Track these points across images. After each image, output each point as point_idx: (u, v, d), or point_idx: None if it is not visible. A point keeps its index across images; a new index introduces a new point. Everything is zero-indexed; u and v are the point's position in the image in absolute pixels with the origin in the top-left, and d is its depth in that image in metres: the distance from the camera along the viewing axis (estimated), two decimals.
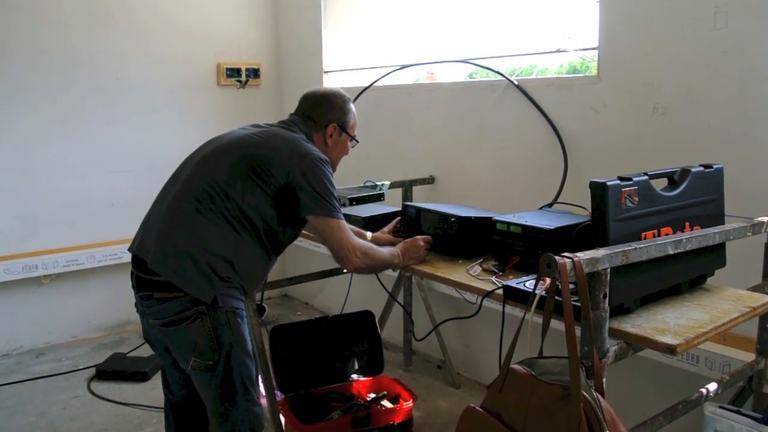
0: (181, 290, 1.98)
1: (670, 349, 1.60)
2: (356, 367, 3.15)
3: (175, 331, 2.02)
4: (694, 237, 1.79)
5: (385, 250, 2.29)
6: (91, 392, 3.54)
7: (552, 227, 2.14)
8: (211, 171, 2.09)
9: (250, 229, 2.07)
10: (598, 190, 1.71)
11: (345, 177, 3.20)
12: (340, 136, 2.35)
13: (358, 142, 2.45)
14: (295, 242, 2.41)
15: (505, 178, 3.29)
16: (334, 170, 2.33)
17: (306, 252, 4.66)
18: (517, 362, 1.57)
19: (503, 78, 3.21)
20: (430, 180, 3.66)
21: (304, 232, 2.42)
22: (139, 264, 2.07)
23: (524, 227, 2.20)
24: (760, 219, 2.05)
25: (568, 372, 1.45)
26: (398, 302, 3.57)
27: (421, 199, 3.62)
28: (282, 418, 2.80)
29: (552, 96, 3.02)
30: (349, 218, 2.79)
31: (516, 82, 3.14)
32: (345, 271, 2.30)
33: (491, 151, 3.34)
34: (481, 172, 3.41)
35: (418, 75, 4.07)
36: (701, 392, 2.04)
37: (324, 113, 2.32)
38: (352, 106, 2.40)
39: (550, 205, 2.69)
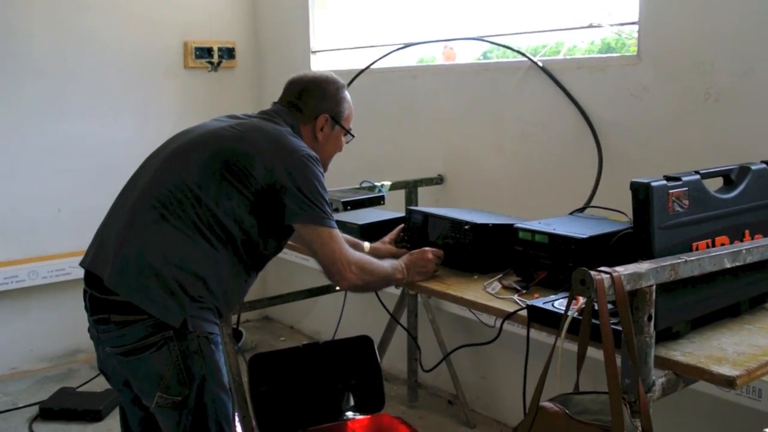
0: (144, 312, 1.98)
1: (728, 382, 1.59)
2: (352, 403, 3.14)
3: (136, 361, 2.01)
4: (755, 247, 1.80)
5: (386, 264, 2.29)
6: None
7: (585, 236, 2.15)
8: (179, 171, 2.09)
9: (225, 239, 2.07)
10: (641, 192, 1.71)
11: (338, 177, 3.19)
12: (333, 129, 2.35)
13: (353, 136, 2.45)
14: (279, 255, 2.41)
15: (528, 177, 3.29)
16: (325, 169, 2.32)
17: (291, 266, 4.66)
18: (547, 399, 1.57)
19: (525, 58, 3.22)
20: (439, 180, 3.67)
21: (289, 242, 2.41)
22: (93, 281, 2.06)
23: (552, 236, 2.20)
24: None
25: (609, 410, 1.44)
26: (401, 325, 3.57)
27: (429, 203, 3.62)
28: None
29: (583, 79, 3.03)
30: (343, 226, 2.78)
31: (540, 64, 3.15)
32: (338, 288, 2.29)
33: (511, 145, 3.35)
34: (499, 170, 3.41)
35: (423, 55, 4.09)
36: None
37: (313, 102, 2.32)
38: (346, 93, 2.40)
39: (582, 210, 2.70)
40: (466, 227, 2.43)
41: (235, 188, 2.07)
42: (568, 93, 3.06)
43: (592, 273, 1.50)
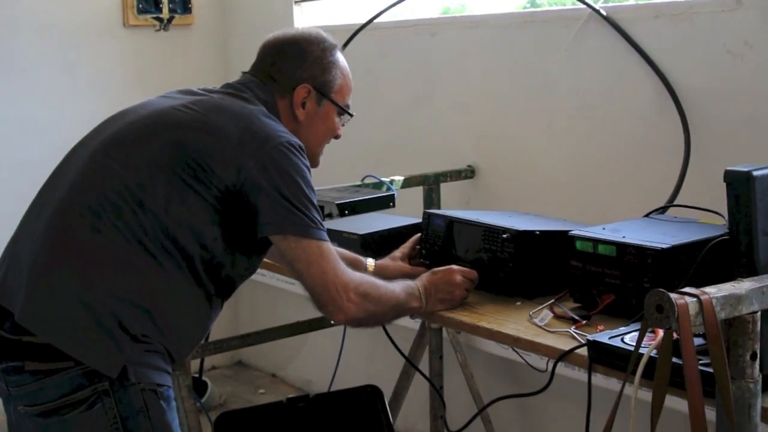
0: (69, 358, 1.98)
1: None
2: None
3: (60, 425, 2.01)
4: None
5: (398, 288, 2.29)
6: None
7: (667, 246, 2.14)
8: (114, 166, 2.10)
9: (179, 258, 2.08)
10: (739, 184, 1.71)
11: (332, 171, 3.19)
12: (320, 105, 2.36)
13: (351, 115, 2.45)
14: (254, 277, 2.42)
15: (588, 167, 3.29)
16: (313, 162, 2.33)
17: (271, 292, 4.67)
18: None
19: (582, 5, 3.22)
20: (469, 173, 3.67)
21: (266, 260, 2.43)
22: (1, 317, 2.08)
23: (621, 246, 2.20)
24: None
25: None
26: (420, 372, 3.57)
27: (456, 205, 3.63)
28: None
29: (663, 33, 3.02)
30: (339, 237, 2.79)
31: (604, 12, 3.15)
32: (333, 322, 2.30)
33: (566, 124, 3.35)
34: (549, 158, 3.41)
35: (446, 2, 4.10)
36: None
37: (292, 68, 2.33)
38: (339, 56, 2.41)
39: (663, 210, 2.69)
40: (505, 236, 2.42)
41: (191, 189, 2.08)
42: (642, 51, 3.05)
43: (673, 296, 1.50)
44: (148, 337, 2.04)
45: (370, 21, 3.91)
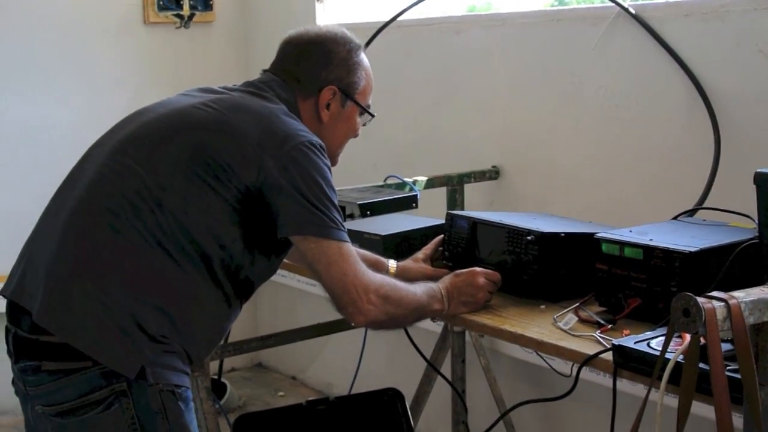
0: (87, 358, 1.99)
1: None
2: None
3: (78, 425, 2.03)
4: None
5: (419, 290, 2.29)
6: None
7: (695, 249, 2.13)
8: (134, 165, 2.11)
9: (198, 259, 2.08)
10: None
11: (353, 171, 3.21)
12: (343, 106, 2.36)
13: (373, 115, 2.45)
14: (274, 278, 2.43)
15: (616, 168, 3.28)
16: (333, 161, 2.34)
17: (291, 293, 4.68)
18: None
19: (611, 3, 3.21)
20: (493, 174, 3.67)
21: (286, 261, 2.43)
22: (18, 317, 2.09)
23: (648, 249, 2.19)
24: None
25: None
26: (442, 375, 3.57)
27: (479, 206, 3.63)
28: None
29: (693, 32, 3.02)
30: (360, 238, 2.80)
31: (633, 11, 3.15)
32: (353, 325, 2.30)
33: (593, 124, 3.34)
34: (576, 159, 3.41)
35: (471, 1, 4.10)
36: None
37: (316, 69, 2.33)
38: (363, 57, 2.41)
39: (692, 213, 2.68)
40: (530, 238, 2.42)
41: (210, 189, 2.09)
42: (672, 51, 3.04)
43: (700, 300, 1.50)
44: (166, 337, 2.05)
45: (394, 19, 3.91)
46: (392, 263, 2.61)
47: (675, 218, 2.58)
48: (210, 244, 2.09)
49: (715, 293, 1.53)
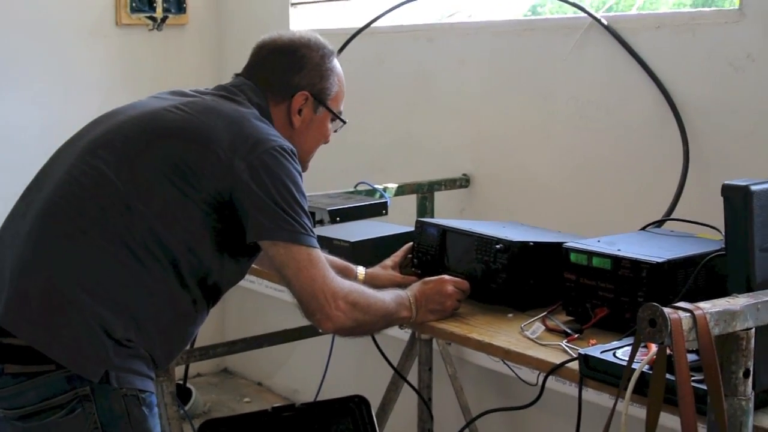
0: (50, 361, 1.99)
1: None
2: None
3: (40, 429, 2.02)
4: None
5: (388, 297, 2.30)
6: None
7: (662, 260, 2.15)
8: (103, 167, 2.11)
9: (166, 262, 2.08)
10: (737, 198, 1.72)
11: (325, 177, 3.20)
12: (315, 111, 2.37)
13: (344, 122, 2.47)
14: (242, 283, 2.42)
15: (586, 177, 3.30)
16: (304, 167, 2.35)
17: (259, 299, 4.66)
18: None
19: (584, 14, 3.23)
20: (464, 182, 3.68)
21: (255, 266, 2.43)
22: None
23: (616, 259, 2.20)
24: None
25: None
26: (409, 383, 3.58)
27: (450, 214, 3.63)
28: None
29: (664, 43, 3.04)
30: (330, 244, 2.80)
31: (605, 22, 3.17)
32: (321, 331, 2.30)
33: (564, 134, 3.36)
34: (547, 168, 3.42)
35: (444, 8, 4.10)
36: None
37: (289, 74, 2.34)
38: (335, 63, 2.42)
39: (660, 224, 2.69)
40: (498, 247, 2.43)
41: (180, 193, 2.09)
42: (643, 62, 3.06)
43: (666, 310, 1.50)
44: (132, 341, 2.05)
45: (367, 25, 3.91)
46: (361, 270, 2.61)
47: (643, 229, 2.59)
48: (178, 248, 2.09)
49: (681, 304, 1.54)
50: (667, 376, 1.56)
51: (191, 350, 3.48)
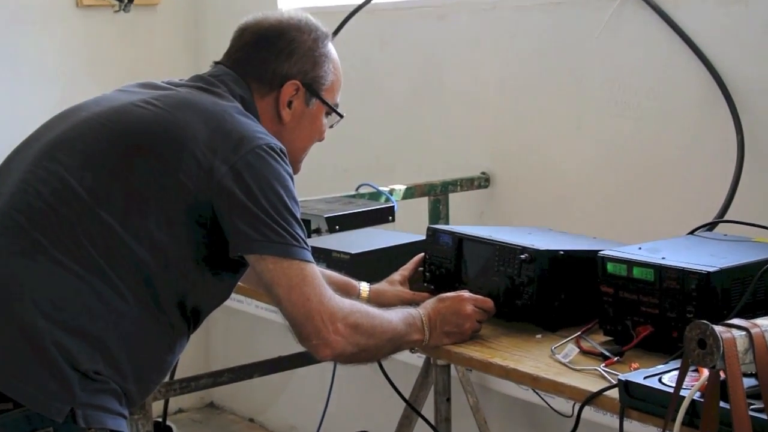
0: (8, 399, 1.98)
1: None
2: None
3: None
4: None
5: (396, 318, 2.30)
6: None
7: (714, 269, 2.13)
8: (63, 172, 2.11)
9: (137, 280, 2.08)
10: None
11: (322, 179, 3.21)
12: (308, 104, 2.37)
13: (342, 116, 2.46)
14: (227, 304, 2.42)
15: (624, 175, 3.30)
16: (296, 168, 2.34)
17: (249, 321, 4.67)
18: None
19: None
20: (483, 182, 3.67)
21: (241, 284, 2.43)
22: None
23: (661, 269, 2.19)
24: None
25: None
26: (423, 417, 3.56)
27: (467, 219, 3.64)
28: None
29: (712, 16, 3.04)
30: (327, 256, 2.80)
31: None
32: (318, 358, 2.30)
33: (597, 124, 3.35)
34: (577, 165, 3.42)
35: None
36: None
37: (277, 62, 2.34)
38: (330, 48, 2.42)
39: (711, 227, 2.69)
40: (524, 257, 2.42)
41: (152, 200, 2.09)
42: (688, 38, 3.06)
43: (718, 329, 1.50)
44: (100, 374, 2.04)
45: (367, 2, 3.91)
46: (364, 286, 2.61)
47: (692, 233, 2.59)
48: (152, 264, 2.09)
49: (735, 321, 1.54)
50: (722, 404, 1.56)
51: (171, 382, 3.48)
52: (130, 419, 2.15)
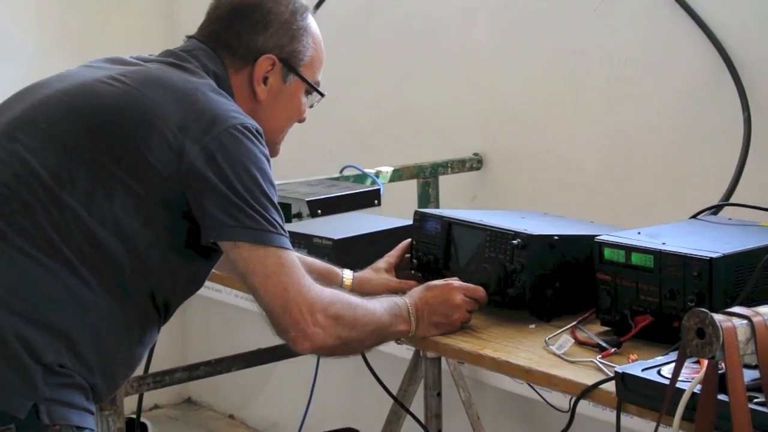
0: None
1: None
2: None
3: None
4: None
5: (380, 307, 2.29)
6: None
7: (718, 254, 2.13)
8: (24, 153, 2.10)
9: (103, 268, 2.08)
10: None
11: (304, 161, 3.21)
12: (285, 81, 2.36)
13: (323, 95, 2.45)
14: (202, 292, 2.42)
15: (622, 156, 3.30)
16: (273, 150, 2.34)
17: (227, 312, 4.67)
18: None
19: None
20: (475, 164, 3.67)
21: (216, 272, 2.42)
22: None
23: (661, 255, 2.20)
24: None
25: None
26: (411, 414, 3.57)
27: (458, 202, 3.64)
28: None
29: None
30: (309, 242, 2.80)
31: None
32: (298, 352, 2.29)
33: (596, 102, 3.35)
34: (574, 145, 3.42)
35: None
36: None
37: (252, 34, 2.33)
38: (311, 20, 2.41)
39: (715, 210, 2.69)
40: (516, 242, 2.42)
41: (119, 183, 2.08)
42: (692, 11, 3.06)
43: (717, 317, 1.50)
44: (65, 367, 2.03)
45: None
46: (347, 274, 2.61)
47: (694, 216, 2.59)
48: (119, 251, 2.08)
49: (736, 309, 1.54)
50: (721, 397, 1.56)
51: (144, 376, 3.47)
52: (99, 415, 2.15)
